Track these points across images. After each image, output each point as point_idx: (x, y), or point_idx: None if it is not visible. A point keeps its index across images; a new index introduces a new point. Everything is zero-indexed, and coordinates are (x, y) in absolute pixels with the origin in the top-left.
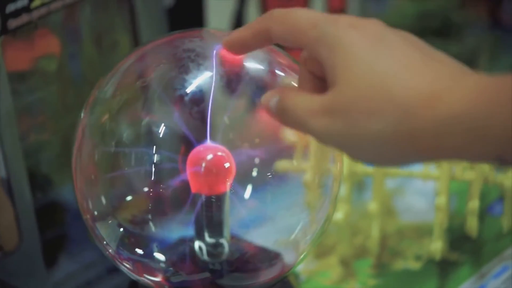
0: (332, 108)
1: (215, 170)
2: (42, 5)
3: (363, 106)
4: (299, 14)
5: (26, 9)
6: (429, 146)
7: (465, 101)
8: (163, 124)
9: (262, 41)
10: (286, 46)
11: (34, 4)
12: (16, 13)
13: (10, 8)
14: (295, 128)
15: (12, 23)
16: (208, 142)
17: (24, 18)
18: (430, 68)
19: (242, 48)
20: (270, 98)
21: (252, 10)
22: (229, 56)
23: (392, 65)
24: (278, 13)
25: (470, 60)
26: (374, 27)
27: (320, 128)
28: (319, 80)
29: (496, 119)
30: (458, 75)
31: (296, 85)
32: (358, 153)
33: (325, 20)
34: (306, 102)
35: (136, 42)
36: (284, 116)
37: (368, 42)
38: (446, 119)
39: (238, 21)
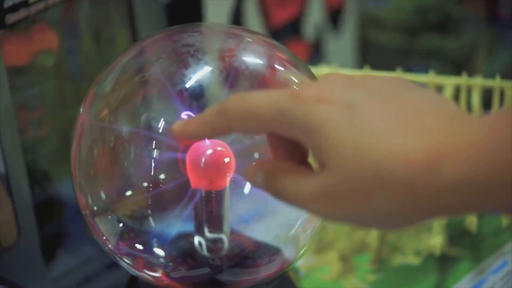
0: (328, 194)
1: (214, 165)
2: (40, 0)
3: (360, 188)
4: (257, 102)
5: (24, 4)
6: (435, 209)
7: (466, 167)
8: (162, 119)
9: (220, 131)
10: None
11: None
12: (14, 8)
13: (8, 3)
14: (288, 203)
15: (10, 18)
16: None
17: (22, 13)
18: (417, 125)
19: (196, 139)
20: (254, 174)
21: (250, 5)
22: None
23: (376, 134)
24: (234, 106)
25: (467, 56)
26: (339, 91)
27: (321, 212)
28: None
29: (500, 183)
30: (449, 127)
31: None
32: (366, 225)
33: (288, 101)
34: (299, 186)
35: (134, 37)
36: (277, 196)
37: (341, 114)
38: (449, 185)
39: (236, 16)
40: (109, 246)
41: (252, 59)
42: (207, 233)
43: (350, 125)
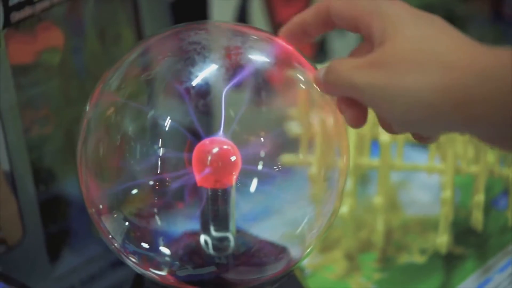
0: (377, 61)
1: (221, 164)
2: None
3: (407, 58)
4: None
5: (29, 2)
6: (460, 102)
7: (503, 60)
8: (168, 117)
9: (322, 21)
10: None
11: None
12: (19, 6)
13: (13, 1)
14: (339, 89)
15: (15, 16)
16: (214, 135)
17: (27, 11)
18: (469, 39)
19: (303, 34)
20: (321, 70)
21: (255, 3)
22: (284, 48)
23: (438, 32)
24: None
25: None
26: (428, 14)
27: (362, 80)
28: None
29: None
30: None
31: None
32: (392, 110)
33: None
34: (352, 60)
35: (139, 35)
36: (329, 76)
37: (413, 15)
38: (481, 72)
39: (242, 14)
40: (115, 244)
41: (258, 57)
42: (213, 232)
43: (418, 21)
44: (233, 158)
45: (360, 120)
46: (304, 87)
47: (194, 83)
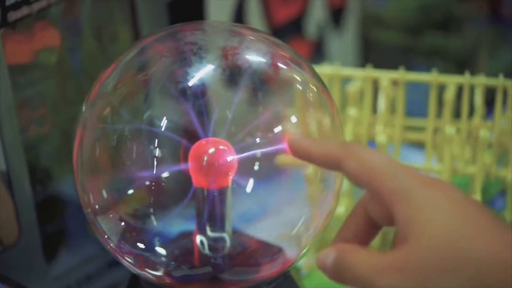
0: (404, 265)
1: (217, 164)
2: None
3: (437, 264)
4: (377, 159)
5: (26, 2)
6: None
7: None
8: (165, 118)
9: (329, 165)
10: None
11: None
12: (16, 6)
13: (10, 0)
14: (352, 286)
15: (12, 16)
16: (210, 136)
17: (24, 11)
18: (501, 226)
19: (305, 158)
20: (326, 256)
21: (252, 3)
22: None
23: (468, 229)
24: (355, 149)
25: (470, 54)
26: (450, 189)
27: (388, 286)
28: (371, 228)
29: None
30: None
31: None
32: None
33: (403, 172)
34: (371, 257)
35: (136, 35)
36: (343, 273)
37: (445, 202)
38: None
39: (239, 15)
40: (111, 244)
41: (255, 58)
42: (209, 232)
43: (449, 213)
44: (229, 159)
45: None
46: (300, 87)
47: (190, 83)
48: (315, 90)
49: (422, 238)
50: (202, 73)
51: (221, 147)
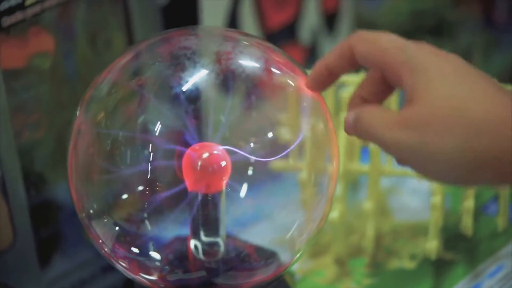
0: (409, 122)
1: (211, 169)
2: (36, 2)
3: (439, 122)
4: (384, 37)
5: (20, 7)
6: (497, 167)
7: None
8: (159, 122)
9: (347, 62)
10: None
11: (28, 2)
12: (10, 11)
13: (4, 5)
14: (369, 139)
15: (6, 21)
16: (204, 140)
17: (18, 16)
18: (502, 92)
19: (329, 76)
20: (349, 116)
21: (246, 8)
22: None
23: (472, 92)
24: (363, 34)
25: (463, 59)
26: (454, 58)
27: (393, 141)
28: (385, 88)
29: None
30: None
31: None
32: (426, 169)
33: (410, 45)
34: (383, 115)
35: (130, 40)
36: (359, 126)
37: (450, 69)
38: None
39: (233, 20)
40: (105, 249)
41: (248, 62)
42: (203, 237)
43: (454, 78)
44: (223, 163)
45: None
46: (294, 92)
47: (184, 88)
48: (309, 95)
49: (426, 99)
50: (196, 78)
51: (215, 151)
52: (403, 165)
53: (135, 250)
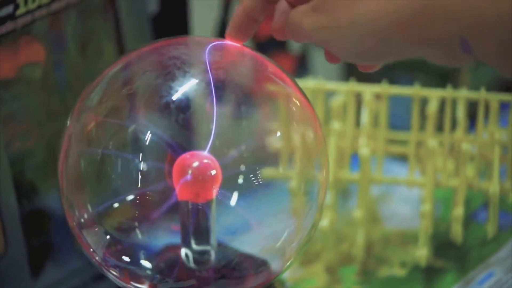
0: (319, 4)
1: (201, 178)
2: (27, 12)
3: None
4: None
5: (11, 17)
6: (403, 27)
7: None
8: (149, 132)
9: (265, 2)
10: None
11: (19, 12)
12: (1, 21)
13: None
14: (297, 34)
15: None
16: (194, 149)
17: (8, 26)
18: None
19: (251, 23)
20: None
21: None
22: (232, 48)
23: None
24: None
25: (452, 68)
26: None
27: (310, 25)
28: None
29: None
30: None
31: None
32: (343, 45)
33: None
34: (301, 6)
35: (120, 50)
36: (288, 25)
37: None
38: None
39: (223, 28)
40: (96, 258)
41: (238, 71)
42: (194, 245)
43: None
44: (213, 172)
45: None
46: (284, 101)
47: (174, 97)
48: (299, 103)
49: None
50: (186, 87)
51: (205, 160)
52: (326, 48)
53: (126, 258)
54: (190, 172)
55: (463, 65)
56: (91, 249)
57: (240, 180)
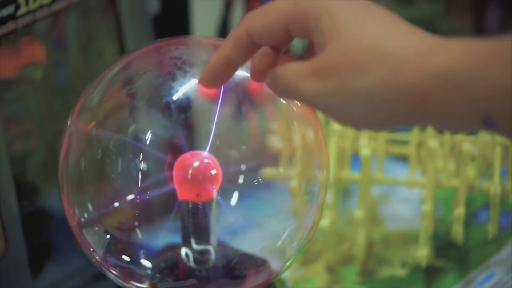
0: (322, 69)
1: (201, 177)
2: (28, 12)
3: (352, 63)
4: (275, 3)
5: (12, 17)
6: (417, 102)
7: (457, 56)
8: (149, 132)
9: (244, 50)
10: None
11: (20, 12)
12: (2, 21)
13: None
14: (288, 96)
15: None
16: (195, 149)
17: (10, 26)
18: (416, 30)
19: (227, 71)
20: (269, 74)
21: (237, 17)
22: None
23: (380, 27)
24: (253, 12)
25: None
26: (366, 2)
27: (310, 91)
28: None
29: (485, 75)
30: (443, 38)
31: None
32: (348, 114)
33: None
34: (296, 67)
35: (121, 50)
36: (276, 83)
37: (354, 7)
38: (437, 72)
39: (224, 28)
40: (96, 257)
41: (239, 71)
42: (194, 245)
43: (359, 16)
44: (213, 172)
45: None
46: (284, 101)
47: (175, 97)
48: (299, 103)
49: (337, 41)
50: (187, 87)
51: (205, 160)
52: (326, 114)
53: (126, 258)
54: (190, 171)
55: (475, 131)
56: (91, 249)
57: (241, 180)
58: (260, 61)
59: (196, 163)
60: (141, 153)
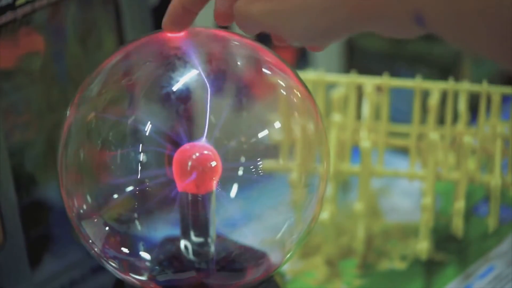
0: None
1: (201, 169)
2: (27, 3)
3: None
4: None
5: (11, 7)
6: (355, 5)
7: None
8: (149, 123)
9: None
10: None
11: (18, 2)
12: (1, 11)
13: None
14: (247, 23)
15: None
16: (195, 140)
17: (8, 16)
18: None
19: (187, 15)
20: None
21: None
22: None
23: None
24: None
25: (454, 61)
26: None
27: (257, 11)
28: None
29: None
30: None
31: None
32: (293, 29)
33: None
34: None
35: (121, 40)
36: (237, 17)
37: None
38: None
39: None
40: (95, 249)
41: (239, 62)
42: (193, 237)
43: None
44: (213, 164)
45: None
46: (284, 93)
47: (174, 88)
48: (299, 95)
49: None
50: (186, 78)
51: (205, 152)
52: (276, 32)
53: (125, 250)
54: (190, 163)
55: (411, 37)
56: (90, 241)
57: (240, 172)
58: (222, 4)
59: (195, 155)
60: (141, 145)
